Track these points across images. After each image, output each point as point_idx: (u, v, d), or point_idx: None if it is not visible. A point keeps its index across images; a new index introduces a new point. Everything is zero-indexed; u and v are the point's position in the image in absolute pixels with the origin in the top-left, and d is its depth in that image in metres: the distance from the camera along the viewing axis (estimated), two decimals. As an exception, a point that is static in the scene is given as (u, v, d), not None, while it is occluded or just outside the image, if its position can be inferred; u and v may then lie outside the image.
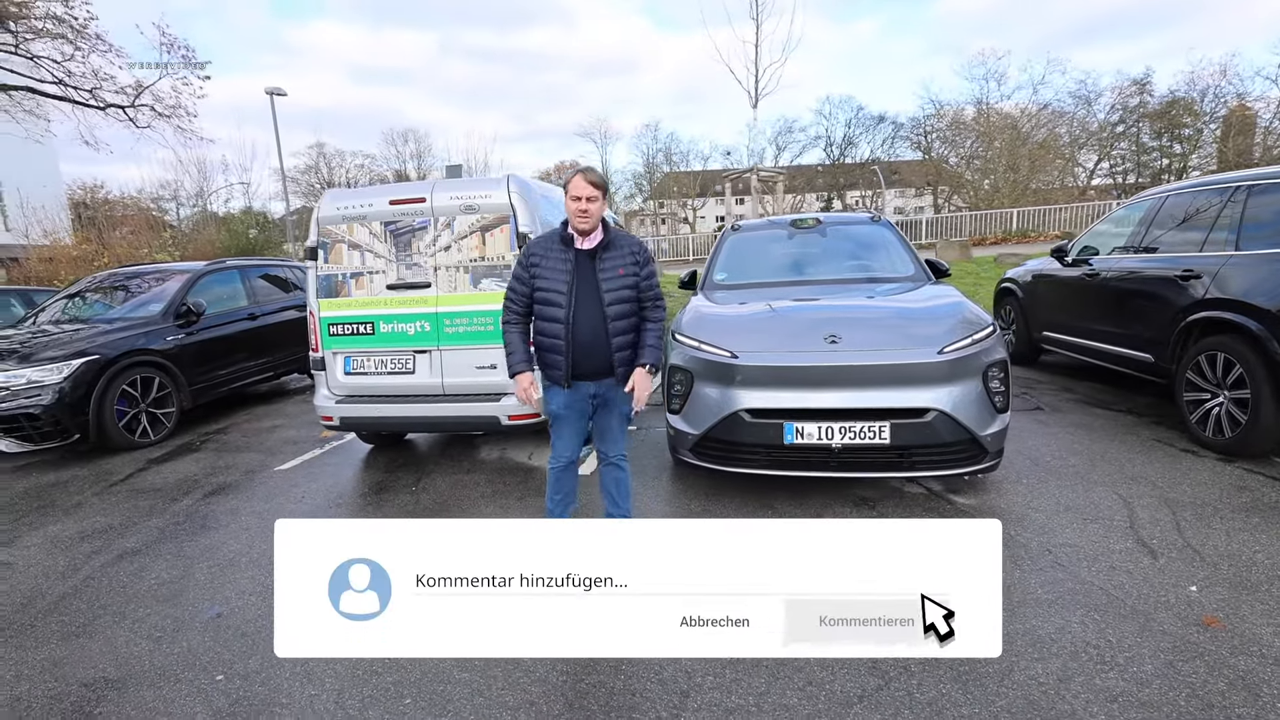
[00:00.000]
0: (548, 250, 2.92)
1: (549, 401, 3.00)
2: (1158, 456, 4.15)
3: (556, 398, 2.98)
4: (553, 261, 2.90)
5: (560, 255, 2.90)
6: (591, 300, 2.90)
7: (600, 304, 2.89)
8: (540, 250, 2.92)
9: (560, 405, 2.99)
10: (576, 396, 2.98)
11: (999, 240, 19.19)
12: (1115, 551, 2.99)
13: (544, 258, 2.91)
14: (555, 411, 3.01)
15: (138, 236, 25.73)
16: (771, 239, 5.36)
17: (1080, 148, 35.08)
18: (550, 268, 2.89)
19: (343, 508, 4.04)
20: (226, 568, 3.30)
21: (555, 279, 2.88)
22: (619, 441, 3.15)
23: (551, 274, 2.89)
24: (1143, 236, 5.17)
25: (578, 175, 2.86)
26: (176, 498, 4.36)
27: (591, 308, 2.89)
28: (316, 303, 4.48)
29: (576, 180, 2.84)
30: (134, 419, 5.59)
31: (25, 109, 15.07)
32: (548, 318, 2.89)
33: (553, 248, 2.92)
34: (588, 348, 2.89)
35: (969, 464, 3.40)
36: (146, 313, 6.12)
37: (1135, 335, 4.96)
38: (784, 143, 50.79)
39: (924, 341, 3.42)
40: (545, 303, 2.89)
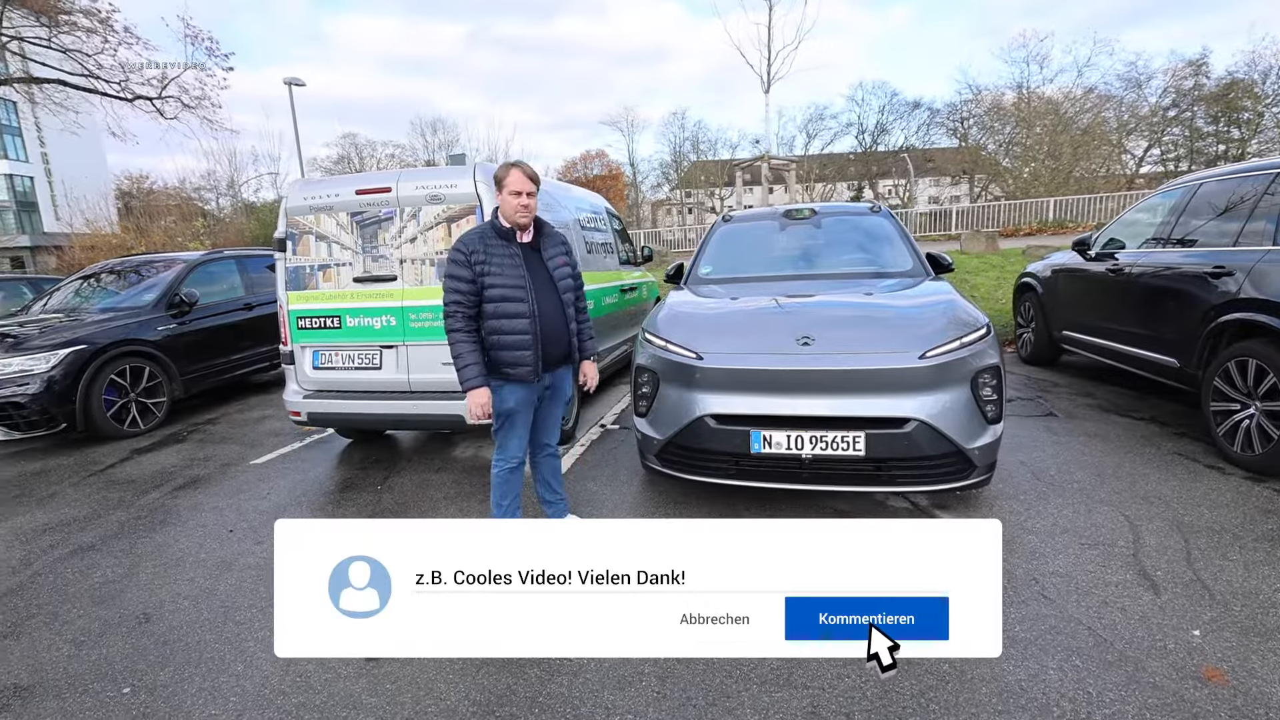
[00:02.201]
0: (488, 246, 2.79)
1: (503, 400, 2.88)
2: (1177, 472, 3.79)
3: (513, 394, 2.88)
4: (499, 258, 2.78)
5: (504, 250, 2.81)
6: (548, 291, 2.90)
7: (556, 293, 2.93)
8: (480, 247, 2.78)
9: (517, 402, 2.89)
10: (532, 391, 2.93)
11: (1033, 231, 18.37)
12: (1112, 584, 2.68)
13: (488, 255, 2.77)
14: (512, 409, 2.90)
15: (178, 226, 26.48)
16: (763, 230, 5.07)
17: (1129, 133, 33.43)
18: (500, 265, 2.77)
19: (301, 507, 3.92)
20: (171, 567, 3.21)
21: (509, 275, 2.78)
22: (558, 430, 3.24)
23: (502, 270, 2.77)
24: (1173, 228, 4.75)
25: (515, 170, 2.76)
26: (147, 490, 4.32)
27: (550, 299, 2.90)
28: (285, 295, 4.37)
29: (515, 175, 2.76)
30: (124, 408, 5.60)
31: (55, 101, 15.43)
32: (508, 314, 2.79)
33: (492, 243, 2.81)
34: (553, 338, 2.91)
35: (954, 479, 3.12)
36: (139, 302, 6.12)
37: (1159, 337, 4.56)
38: (814, 130, 49.64)
39: (906, 344, 3.13)
40: (503, 299, 2.78)
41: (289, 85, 19.06)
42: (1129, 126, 33.17)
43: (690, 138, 52.87)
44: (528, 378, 2.84)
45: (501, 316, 2.78)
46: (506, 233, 2.83)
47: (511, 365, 2.82)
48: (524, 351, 2.81)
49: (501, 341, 2.81)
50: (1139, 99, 33.26)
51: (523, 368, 2.82)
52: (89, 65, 15.37)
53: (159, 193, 36.47)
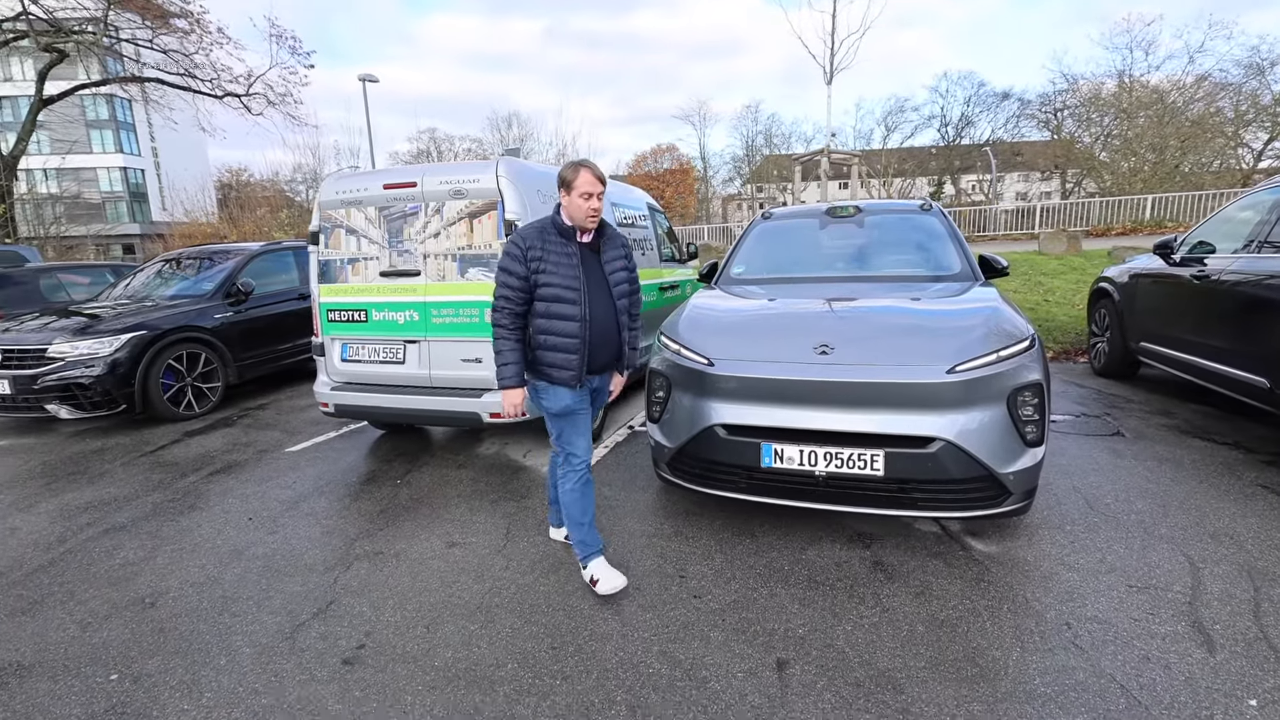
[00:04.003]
0: (546, 244, 2.64)
1: (558, 398, 2.74)
2: (1257, 508, 3.34)
3: (561, 393, 2.74)
4: (557, 257, 2.64)
5: (562, 249, 2.66)
6: (602, 295, 2.76)
7: (610, 298, 2.79)
8: (538, 243, 2.63)
9: (574, 399, 2.75)
10: (584, 390, 2.80)
11: (1126, 230, 17.01)
12: (1159, 636, 2.36)
13: (545, 252, 2.63)
14: (569, 406, 2.75)
15: (269, 216, 28.11)
16: (803, 229, 4.82)
17: (1247, 124, 30.46)
18: (556, 263, 2.63)
19: (322, 496, 3.99)
20: (188, 553, 3.31)
21: (564, 275, 2.64)
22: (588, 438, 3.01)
23: (558, 270, 2.63)
24: (1270, 232, 4.21)
25: (584, 171, 2.60)
26: (186, 473, 4.51)
27: (603, 303, 2.76)
28: (317, 288, 4.46)
29: (585, 176, 2.60)
30: (180, 392, 5.90)
31: (154, 99, 16.56)
32: (558, 316, 2.65)
33: (551, 241, 2.66)
34: (601, 344, 2.77)
35: (986, 506, 2.84)
36: (198, 291, 6.45)
37: (1249, 353, 4.05)
38: (894, 123, 47.71)
39: (933, 357, 2.86)
40: (555, 300, 2.64)
41: (363, 81, 19.81)
42: (1247, 117, 30.20)
43: (763, 131, 51.99)
44: (569, 383, 2.69)
45: (552, 317, 2.65)
46: (568, 231, 2.68)
47: (554, 367, 2.69)
48: (569, 355, 2.67)
49: (547, 342, 2.68)
50: (1261, 87, 30.22)
51: (566, 372, 2.68)
52: (185, 65, 16.41)
53: (254, 184, 38.89)
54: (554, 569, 3.01)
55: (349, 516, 3.68)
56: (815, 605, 2.64)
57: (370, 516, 3.67)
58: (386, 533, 3.45)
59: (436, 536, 3.38)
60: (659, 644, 2.42)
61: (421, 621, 2.62)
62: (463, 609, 2.70)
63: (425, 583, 2.92)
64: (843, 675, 2.22)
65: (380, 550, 3.25)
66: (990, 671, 2.21)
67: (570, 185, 2.61)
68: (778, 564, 2.97)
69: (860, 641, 2.40)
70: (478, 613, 2.67)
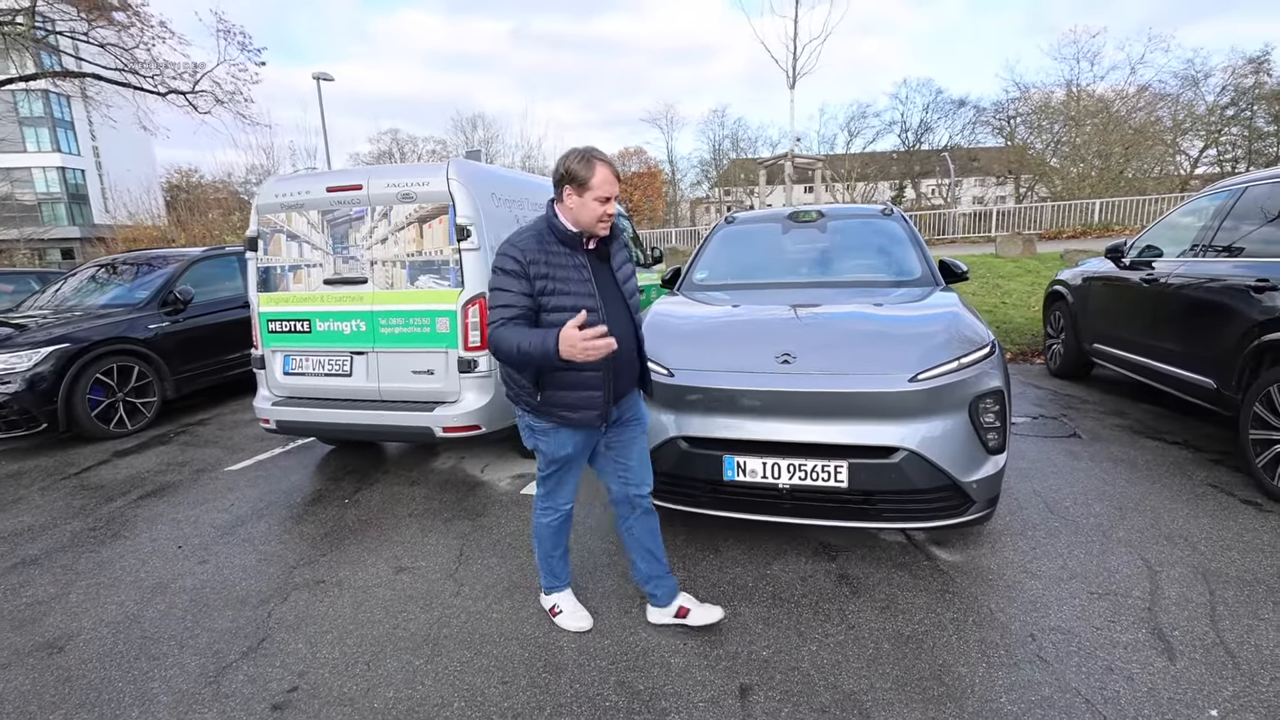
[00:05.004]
0: (547, 254, 2.18)
1: (561, 445, 2.31)
2: (1209, 508, 3.38)
3: (572, 439, 2.31)
4: (564, 271, 2.18)
5: (568, 259, 2.20)
6: (619, 309, 2.32)
7: (628, 311, 2.37)
8: (539, 255, 2.16)
9: (576, 447, 2.34)
10: (594, 436, 2.38)
11: (1077, 234, 17.54)
12: (1120, 645, 2.34)
13: (550, 266, 2.17)
14: (570, 456, 2.35)
15: (222, 219, 27.06)
16: (765, 233, 4.76)
17: (1184, 133, 31.87)
18: (564, 279, 2.18)
19: (261, 519, 3.76)
20: (105, 588, 3.05)
21: (576, 290, 2.19)
22: (649, 470, 2.51)
23: (567, 284, 2.18)
24: (1214, 235, 4.30)
25: (602, 167, 2.15)
26: (112, 498, 4.21)
27: (621, 319, 2.32)
28: (256, 297, 4.22)
29: (604, 174, 2.15)
30: (111, 408, 5.55)
31: (91, 95, 15.77)
32: None
33: (552, 250, 2.19)
34: (624, 370, 2.34)
35: (950, 515, 2.79)
36: (131, 300, 6.07)
37: (1195, 355, 4.13)
38: (857, 128, 48.60)
39: (896, 365, 2.81)
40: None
41: (318, 80, 19.23)
42: (1184, 126, 31.65)
43: (730, 135, 52.40)
44: (592, 424, 2.25)
45: None
46: (570, 238, 2.21)
47: (572, 408, 2.22)
48: (591, 392, 2.21)
49: (562, 378, 2.19)
50: (1196, 97, 31.72)
51: (588, 412, 2.23)
52: (124, 59, 15.66)
53: (205, 186, 37.40)
54: (508, 593, 2.86)
55: (289, 541, 3.46)
56: (780, 624, 2.55)
57: (313, 541, 3.45)
58: (329, 558, 3.25)
59: (384, 561, 3.20)
60: (617, 673, 2.30)
61: (362, 657, 2.44)
62: (408, 641, 2.53)
63: (369, 613, 2.74)
64: (807, 700, 2.13)
65: (321, 578, 3.05)
66: (957, 690, 2.14)
67: (584, 184, 2.14)
68: (742, 580, 2.88)
69: (825, 662, 2.31)
70: (424, 645, 2.50)
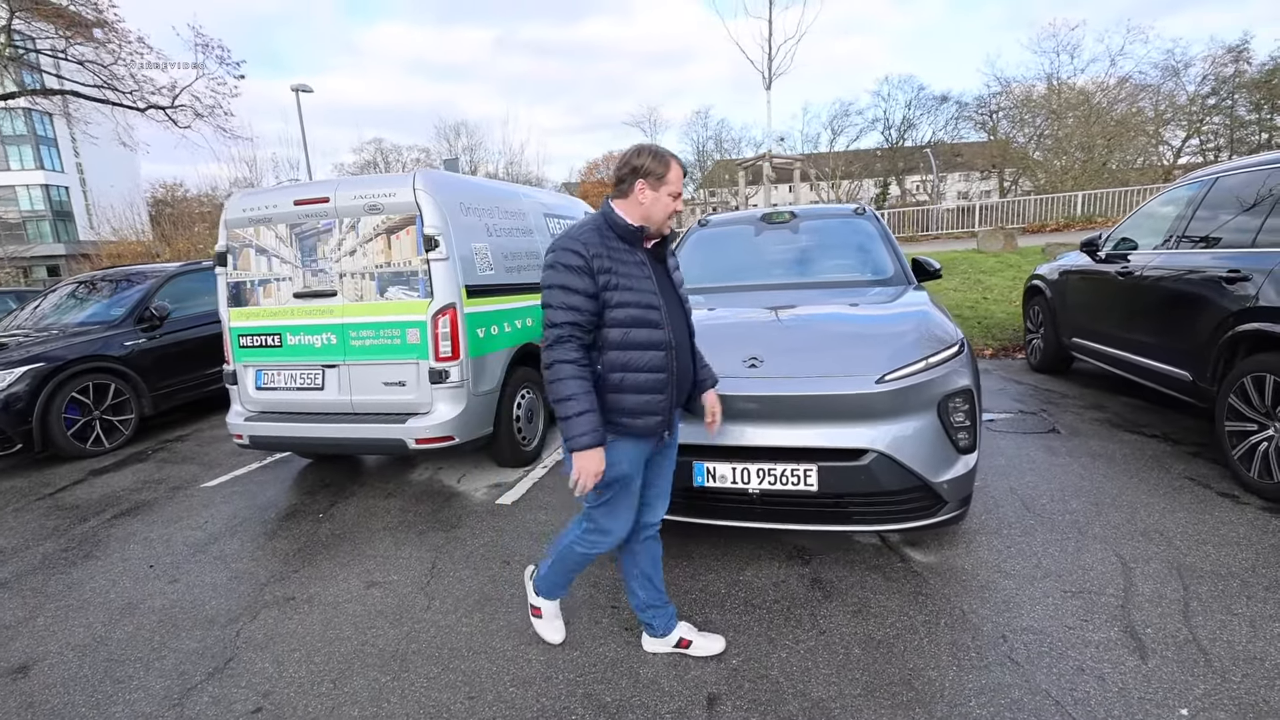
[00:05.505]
0: (609, 248, 2.05)
1: (614, 463, 2.09)
2: (1185, 501, 3.38)
3: (625, 454, 2.12)
4: (625, 266, 2.06)
5: (629, 255, 2.09)
6: (678, 312, 2.23)
7: (685, 315, 2.27)
8: (601, 249, 2.03)
9: (631, 464, 2.15)
10: (648, 447, 2.21)
11: (1060, 227, 17.63)
12: (1092, 644, 2.32)
13: (612, 259, 2.04)
14: (626, 474, 2.14)
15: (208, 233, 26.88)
16: (738, 236, 4.75)
17: (1166, 123, 32.08)
18: (627, 274, 2.05)
19: (235, 536, 3.72)
20: (74, 610, 3.01)
21: (639, 288, 2.06)
22: (668, 497, 2.41)
23: (632, 284, 2.05)
24: (1187, 227, 4.32)
25: (676, 164, 2.09)
26: (86, 517, 4.16)
27: (680, 323, 2.22)
28: (226, 312, 4.18)
29: (678, 171, 2.10)
30: (87, 427, 5.49)
31: (70, 112, 15.67)
32: (639, 344, 2.06)
33: (614, 246, 2.07)
34: (684, 376, 2.23)
35: (921, 516, 2.77)
36: (107, 317, 6.01)
37: (1171, 347, 4.14)
38: (840, 126, 48.82)
39: (863, 366, 2.79)
40: (634, 324, 2.04)
41: (297, 92, 19.15)
42: (1166, 116, 31.83)
43: (713, 136, 52.59)
44: (655, 431, 2.12)
45: (631, 347, 2.05)
46: (631, 233, 2.09)
47: (634, 414, 2.07)
48: (656, 396, 2.08)
49: (626, 381, 2.06)
50: (1177, 87, 31.93)
51: (651, 418, 2.09)
52: (103, 76, 15.57)
53: (190, 200, 37.17)
54: (479, 606, 2.83)
55: (261, 558, 3.42)
56: (750, 631, 2.53)
57: (285, 557, 3.42)
58: (301, 575, 3.21)
59: (355, 576, 3.16)
60: (584, 685, 2.27)
61: (329, 675, 2.41)
62: (376, 658, 2.50)
63: (338, 630, 2.71)
64: (775, 709, 2.10)
65: (292, 595, 3.02)
66: (926, 695, 2.13)
67: (660, 178, 2.05)
68: (714, 587, 2.86)
69: (795, 669, 2.29)
70: (392, 661, 2.47)
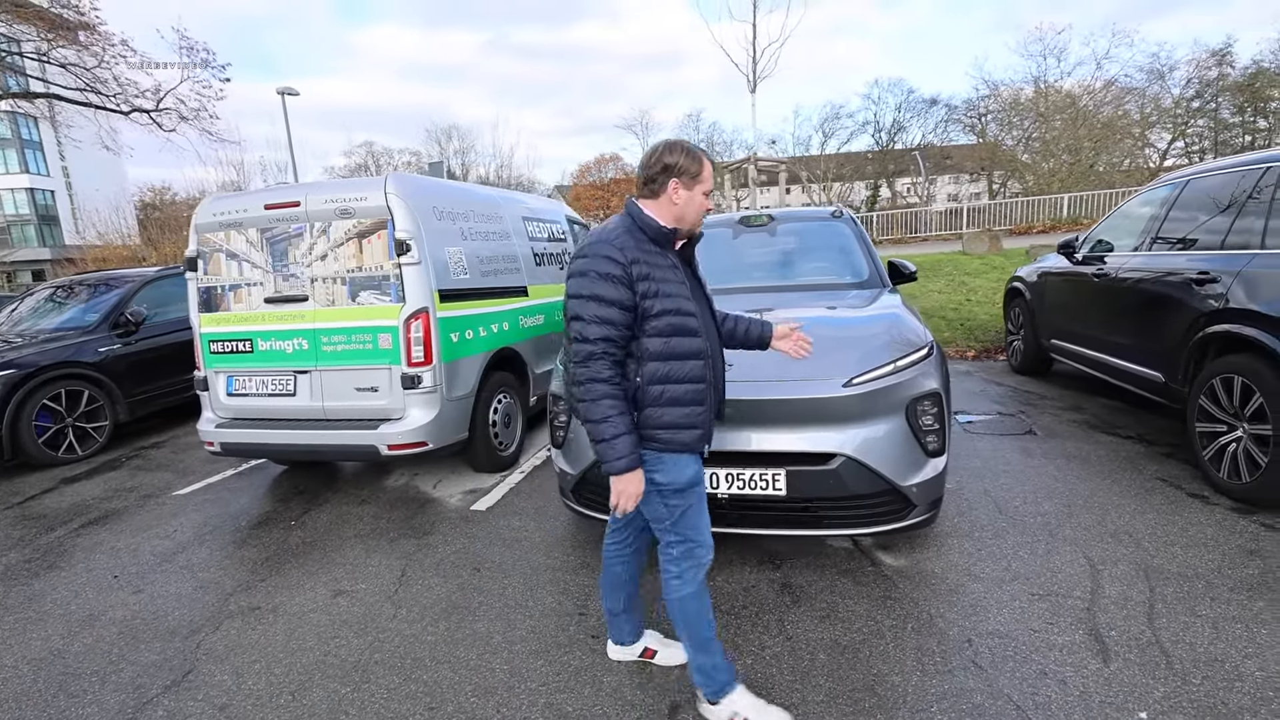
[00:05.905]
0: (644, 251, 1.90)
1: (681, 469, 1.96)
2: (1156, 503, 3.39)
3: (691, 465, 1.99)
4: (660, 271, 1.91)
5: (661, 259, 1.94)
6: (710, 319, 2.12)
7: (715, 322, 2.16)
8: (638, 255, 1.88)
9: (696, 470, 2.01)
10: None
11: (1046, 229, 17.76)
12: (1056, 647, 2.32)
13: (648, 265, 1.89)
14: (696, 478, 2.00)
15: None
16: (716, 239, 4.73)
17: (1151, 126, 32.40)
18: (663, 280, 1.90)
19: (203, 545, 3.67)
20: (34, 623, 2.96)
21: (675, 293, 1.91)
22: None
23: (669, 290, 1.90)
24: (1159, 229, 4.34)
25: (708, 161, 1.98)
26: (54, 527, 4.10)
27: (713, 328, 2.12)
28: (197, 318, 4.13)
29: (710, 169, 1.99)
30: (60, 434, 5.42)
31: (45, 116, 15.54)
32: (680, 354, 1.91)
33: (647, 249, 1.92)
34: (720, 380, 2.13)
35: (891, 520, 2.77)
36: (81, 322, 5.94)
37: (1144, 348, 4.16)
38: (831, 129, 49.03)
39: (831, 370, 2.79)
40: (674, 332, 1.90)
41: (282, 95, 19.03)
42: (1151, 119, 32.16)
43: (705, 139, 52.58)
44: (695, 446, 1.97)
45: (671, 357, 1.90)
46: (662, 235, 1.94)
47: (674, 428, 1.92)
48: (697, 408, 1.94)
49: (667, 394, 1.91)
50: (1162, 90, 32.27)
51: (691, 431, 1.94)
52: (86, 79, 15.44)
53: (179, 204, 36.85)
54: (446, 614, 2.79)
55: (228, 567, 3.37)
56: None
57: (253, 566, 3.37)
58: (268, 584, 3.17)
59: (323, 585, 3.12)
60: (546, 695, 2.25)
61: (288, 687, 2.37)
62: (337, 669, 2.46)
63: (301, 641, 2.67)
64: (736, 717, 2.08)
65: (257, 605, 2.98)
66: (888, 701, 2.12)
67: (695, 176, 1.93)
68: (683, 593, 2.83)
69: (759, 676, 2.27)
70: (353, 672, 2.44)
